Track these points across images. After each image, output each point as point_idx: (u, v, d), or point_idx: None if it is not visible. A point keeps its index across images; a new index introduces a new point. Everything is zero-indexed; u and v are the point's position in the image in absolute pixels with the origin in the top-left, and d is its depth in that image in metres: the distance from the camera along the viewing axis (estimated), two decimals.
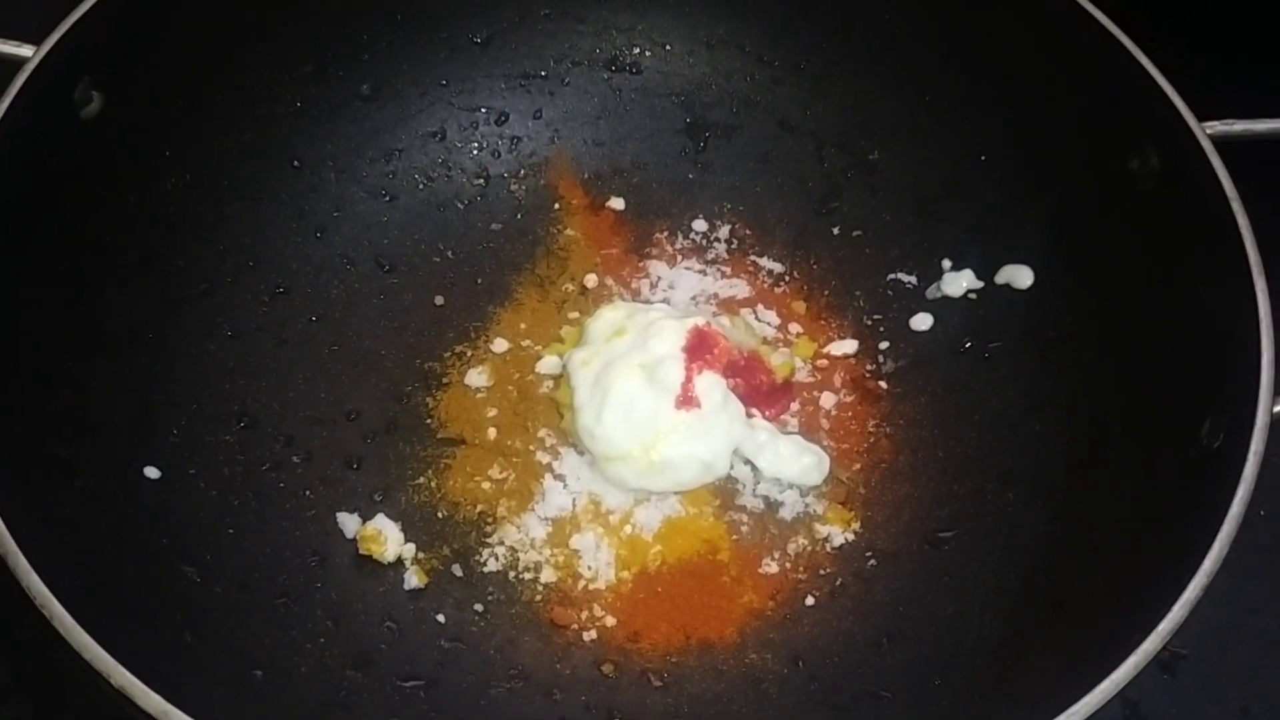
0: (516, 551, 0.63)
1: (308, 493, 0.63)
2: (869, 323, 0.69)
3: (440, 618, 0.60)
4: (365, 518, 0.62)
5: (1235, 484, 0.49)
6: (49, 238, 0.59)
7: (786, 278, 0.71)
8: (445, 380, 0.67)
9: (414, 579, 0.61)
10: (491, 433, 0.66)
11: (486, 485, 0.64)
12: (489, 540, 0.63)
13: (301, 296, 0.69)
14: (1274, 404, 0.51)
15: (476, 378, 0.67)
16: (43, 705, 0.60)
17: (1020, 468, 0.63)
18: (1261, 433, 0.50)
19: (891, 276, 0.70)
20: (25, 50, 0.58)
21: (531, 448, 0.65)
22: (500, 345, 0.69)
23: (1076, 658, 0.48)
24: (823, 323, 0.70)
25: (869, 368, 0.68)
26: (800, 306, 0.71)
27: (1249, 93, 0.61)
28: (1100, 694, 0.44)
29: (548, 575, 0.62)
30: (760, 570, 0.62)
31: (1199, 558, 0.47)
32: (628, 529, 0.63)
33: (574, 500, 0.64)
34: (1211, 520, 0.48)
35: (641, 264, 0.72)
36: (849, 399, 0.67)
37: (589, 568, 0.62)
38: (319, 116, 0.71)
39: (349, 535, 0.62)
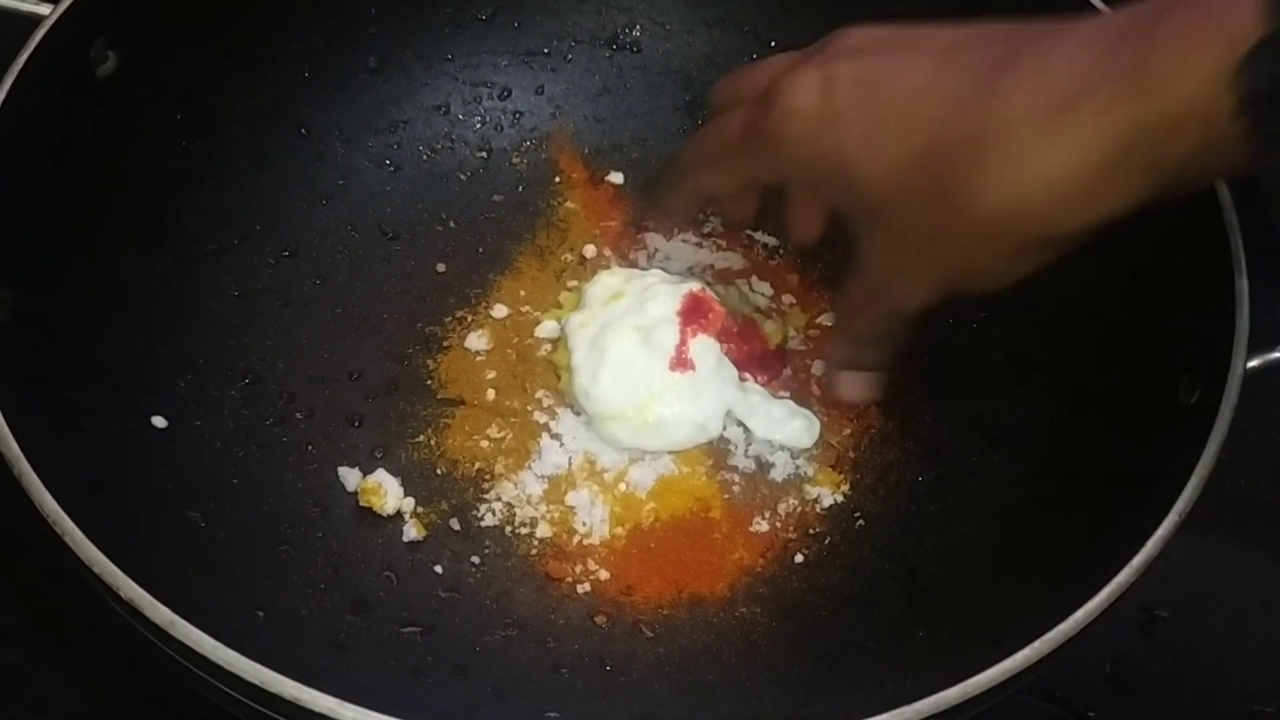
0: (513, 507, 0.64)
1: (310, 447, 0.64)
2: None
3: (438, 569, 0.62)
4: (366, 472, 0.64)
5: (1209, 433, 0.50)
6: (64, 193, 0.61)
7: (780, 252, 0.73)
8: (446, 343, 0.69)
9: (413, 531, 0.62)
10: (490, 394, 0.67)
11: (485, 444, 0.66)
12: (486, 496, 0.64)
13: (307, 260, 0.70)
14: (1247, 361, 0.53)
15: (476, 341, 0.69)
16: (46, 645, 0.61)
17: (1005, 431, 0.64)
18: (1235, 386, 0.52)
19: None
20: (43, 8, 0.60)
21: (529, 408, 0.67)
22: (500, 311, 0.70)
23: (1055, 602, 0.50)
24: (815, 294, 0.72)
25: None
26: (794, 279, 0.72)
27: None
28: (1074, 623, 0.46)
29: (543, 530, 0.63)
30: (751, 529, 0.64)
31: (1172, 500, 0.48)
32: (622, 486, 0.65)
33: (570, 459, 0.65)
34: (1185, 467, 0.50)
35: (639, 236, 0.74)
36: None
37: (584, 524, 0.64)
38: (327, 87, 0.73)
39: (350, 488, 0.63)
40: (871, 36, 0.51)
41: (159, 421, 0.61)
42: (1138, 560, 0.47)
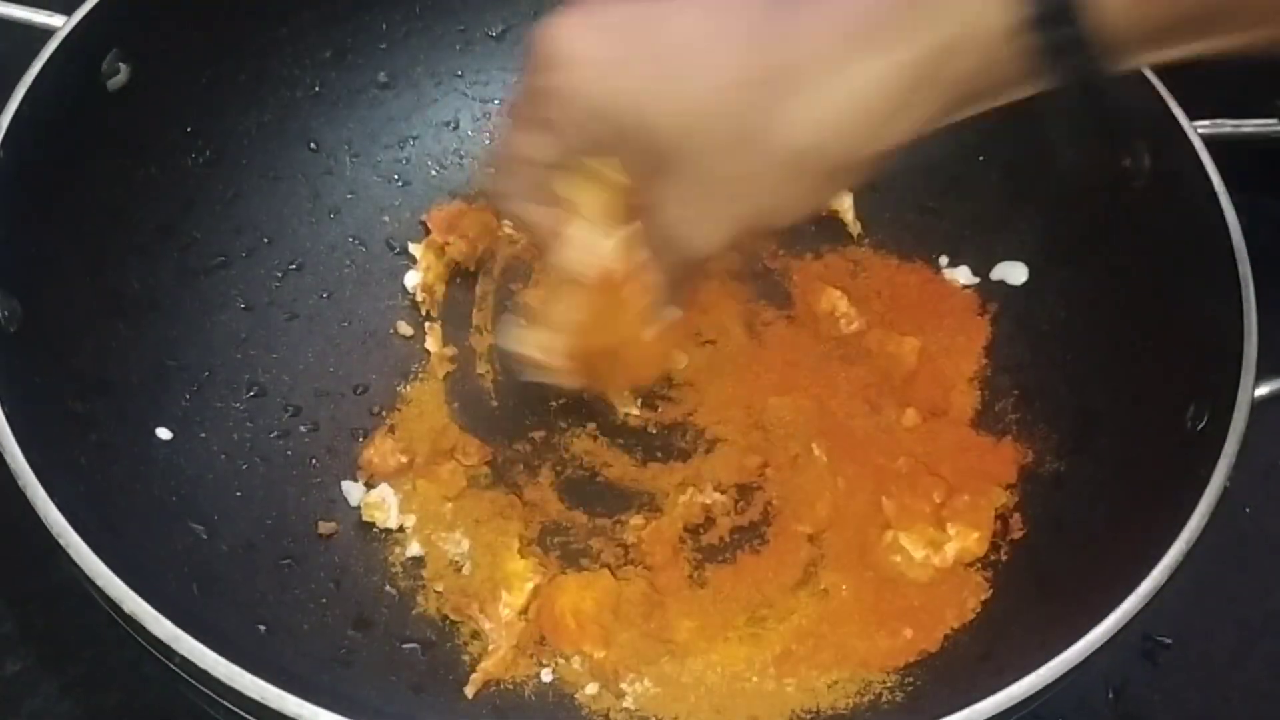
0: None
1: (314, 461, 0.64)
2: None
3: (439, 587, 0.61)
4: (369, 486, 0.64)
5: (1216, 460, 0.50)
6: (73, 205, 0.61)
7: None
8: None
9: (416, 547, 0.62)
10: None
11: None
12: None
13: (314, 274, 0.70)
14: (1255, 388, 0.53)
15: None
16: (46, 656, 0.61)
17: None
18: (1242, 414, 0.52)
19: None
20: (56, 21, 0.60)
21: None
22: None
23: (1059, 629, 0.50)
24: None
25: None
26: None
27: (1237, 94, 0.63)
28: (1078, 651, 0.46)
29: None
30: None
31: (1179, 527, 0.48)
32: None
33: None
34: (1193, 494, 0.49)
35: None
36: None
37: None
38: (337, 102, 0.73)
39: (353, 503, 0.63)
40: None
41: (164, 433, 0.61)
42: (1144, 587, 0.47)
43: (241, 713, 0.46)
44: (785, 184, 0.47)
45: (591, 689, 0.58)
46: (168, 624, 0.44)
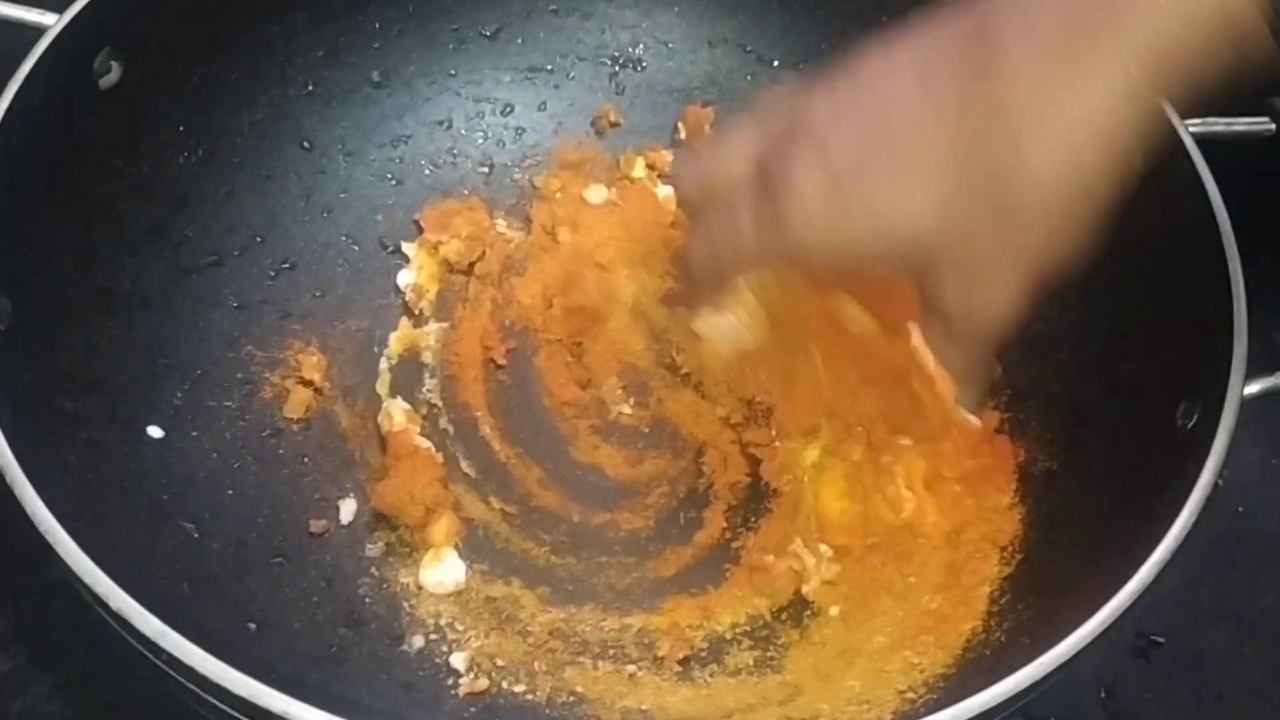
0: None
1: (305, 459, 0.64)
2: None
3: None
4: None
5: (1205, 457, 0.50)
6: (65, 203, 0.61)
7: None
8: None
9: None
10: None
11: None
12: None
13: (307, 273, 0.70)
14: (1245, 386, 0.53)
15: None
16: (36, 655, 0.61)
17: None
18: (1232, 411, 0.52)
19: None
20: (47, 19, 0.60)
21: None
22: None
23: (1049, 626, 0.49)
24: None
25: None
26: None
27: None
28: (1068, 647, 0.46)
29: None
30: None
31: (1168, 525, 0.48)
32: None
33: None
34: (1182, 491, 0.49)
35: None
36: None
37: None
38: (330, 100, 0.73)
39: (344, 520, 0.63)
40: (835, 96, 0.48)
41: (155, 432, 0.61)
42: (1132, 585, 0.47)
43: (230, 710, 0.46)
44: (1055, 215, 0.45)
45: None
46: (155, 621, 0.44)
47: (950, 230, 0.45)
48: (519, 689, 0.58)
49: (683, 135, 0.75)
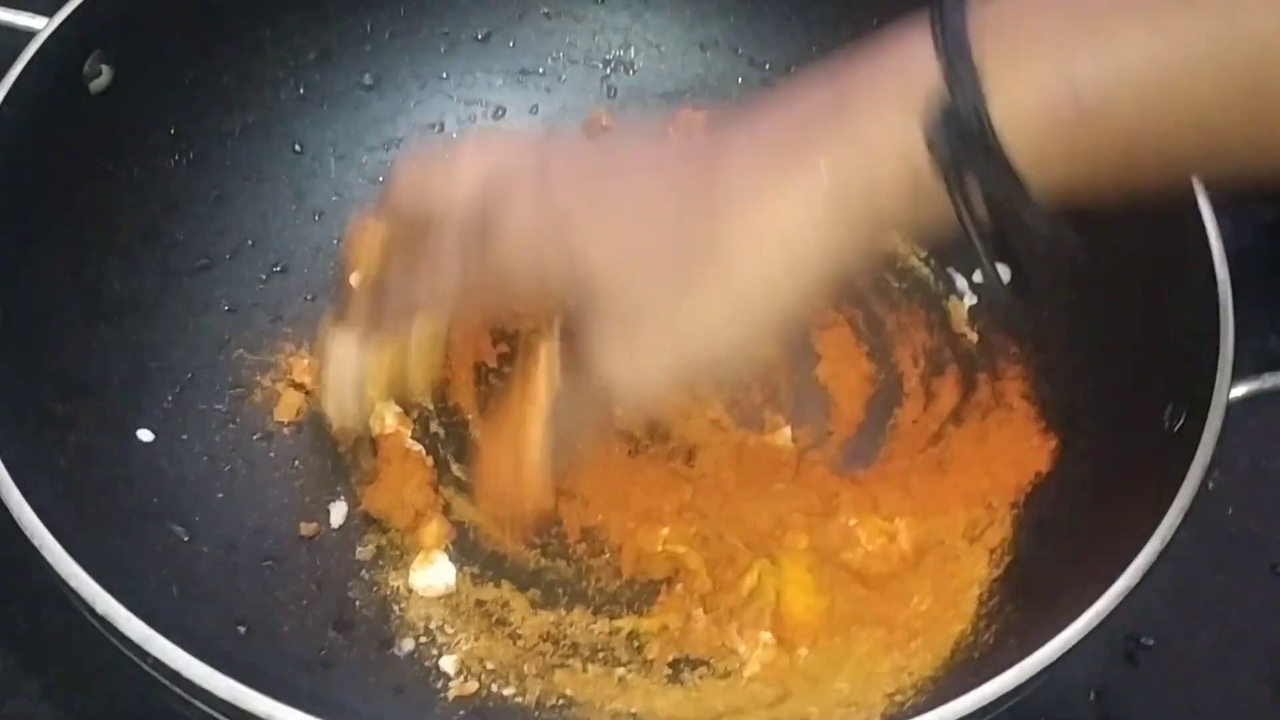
0: None
1: (296, 462, 0.64)
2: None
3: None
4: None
5: (1191, 459, 0.50)
6: (55, 206, 0.61)
7: None
8: None
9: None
10: None
11: None
12: None
13: (298, 276, 0.70)
14: (1231, 389, 0.53)
15: None
16: (27, 657, 0.61)
17: None
18: (1218, 414, 0.52)
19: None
20: (37, 23, 0.60)
21: None
22: None
23: (1035, 628, 0.50)
24: None
25: None
26: None
27: None
28: (1052, 650, 0.46)
29: None
30: None
31: (1154, 527, 0.48)
32: None
33: None
34: (1169, 494, 0.50)
35: None
36: None
37: None
38: (321, 103, 0.73)
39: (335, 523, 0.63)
40: (575, 146, 0.51)
41: (145, 435, 0.61)
42: (1117, 587, 0.47)
43: (217, 715, 0.46)
44: (731, 319, 0.45)
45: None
46: (140, 624, 0.44)
47: (627, 286, 0.46)
48: (509, 692, 0.58)
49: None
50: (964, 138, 0.40)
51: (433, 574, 0.61)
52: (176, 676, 0.44)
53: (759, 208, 0.43)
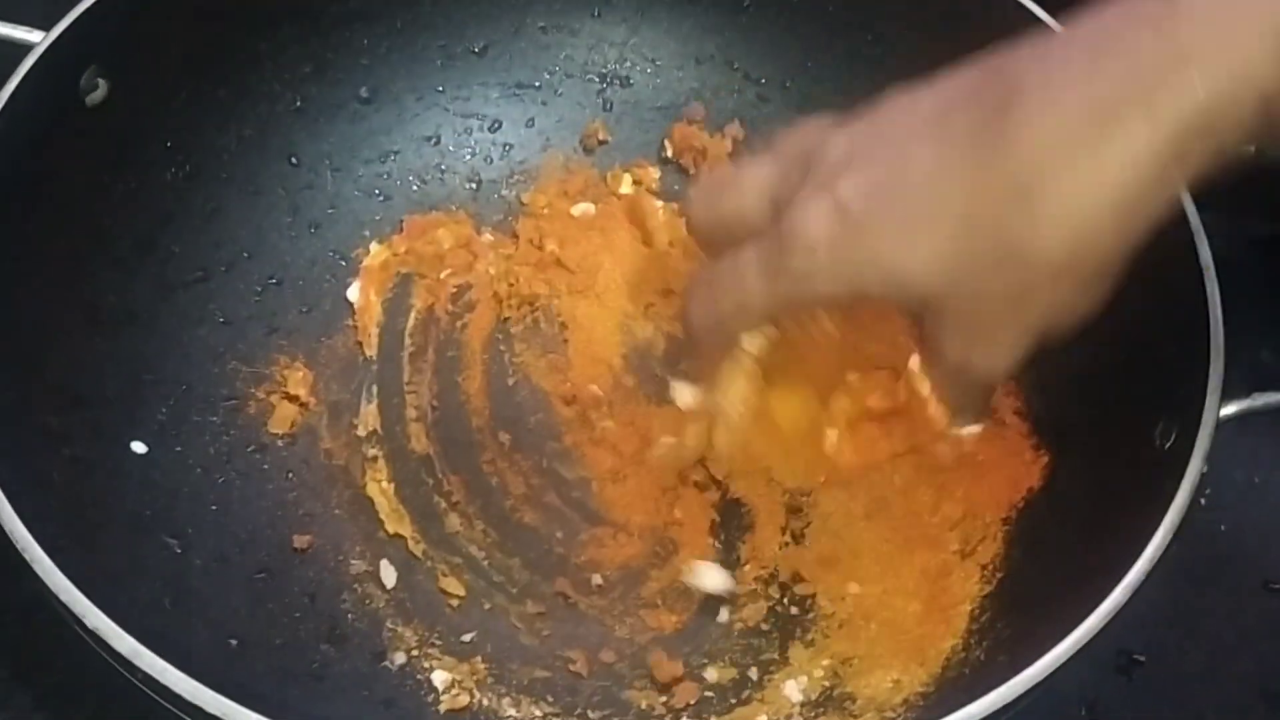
0: None
1: (290, 475, 0.65)
2: None
3: (410, 604, 0.62)
4: None
5: (1182, 477, 0.50)
6: (50, 218, 0.61)
7: None
8: None
9: (391, 576, 0.62)
10: None
11: None
12: None
13: (293, 289, 0.71)
14: (1221, 407, 0.53)
15: None
16: (20, 669, 0.61)
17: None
18: (1207, 432, 0.52)
19: None
20: (34, 36, 0.60)
21: None
22: None
23: (1025, 645, 0.50)
24: None
25: None
26: None
27: None
28: (1042, 668, 0.46)
29: None
30: None
31: (1142, 545, 0.49)
32: None
33: None
34: (1158, 512, 0.50)
35: None
36: None
37: None
38: (318, 116, 0.73)
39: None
40: (852, 139, 0.48)
41: (139, 447, 0.61)
42: (1105, 606, 0.47)
43: None
44: (1065, 285, 0.44)
45: None
46: (129, 639, 0.44)
47: (954, 285, 0.45)
48: (500, 706, 0.58)
49: (670, 153, 0.76)
50: None
51: None
52: (167, 692, 0.44)
53: (1073, 180, 0.41)
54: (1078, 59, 0.42)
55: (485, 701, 0.58)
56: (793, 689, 0.58)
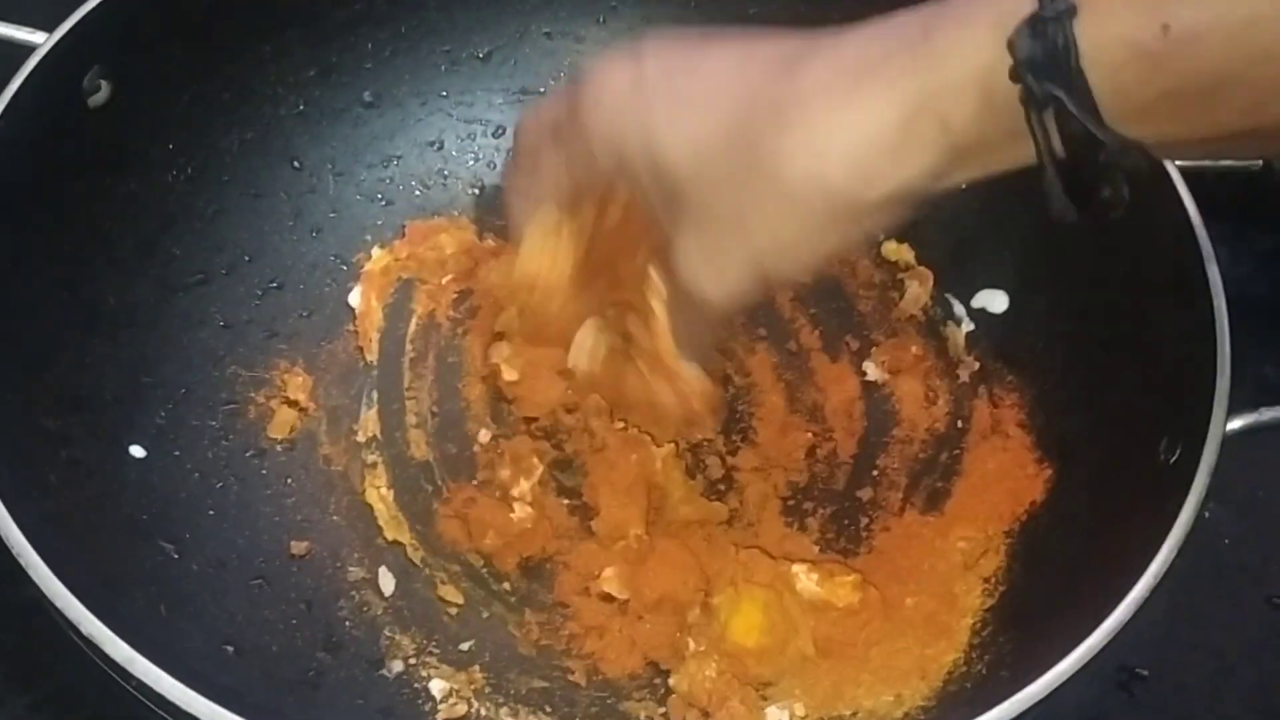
0: None
1: (289, 480, 0.64)
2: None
3: (408, 611, 0.61)
4: None
5: (1187, 492, 0.50)
6: (51, 220, 0.61)
7: None
8: None
9: (389, 584, 0.62)
10: None
11: None
12: None
13: (294, 292, 0.70)
14: (1227, 422, 0.53)
15: None
16: (16, 673, 0.61)
17: None
18: (1213, 447, 0.51)
19: None
20: (37, 37, 0.60)
21: None
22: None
23: (1028, 661, 0.49)
24: None
25: None
26: None
27: None
28: (1044, 684, 0.46)
29: None
30: None
31: (1148, 560, 0.48)
32: None
33: None
34: (1163, 527, 0.49)
35: None
36: None
37: None
38: (321, 120, 0.73)
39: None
40: (666, 40, 0.51)
41: (137, 451, 0.61)
42: (1111, 620, 0.47)
43: None
44: (790, 220, 0.47)
45: None
46: (124, 646, 0.44)
47: (698, 173, 0.48)
48: (498, 716, 0.58)
49: None
50: (1047, 53, 0.40)
51: None
52: (161, 699, 0.43)
53: (826, 118, 0.44)
54: (868, 33, 0.46)
55: (483, 711, 0.58)
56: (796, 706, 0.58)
